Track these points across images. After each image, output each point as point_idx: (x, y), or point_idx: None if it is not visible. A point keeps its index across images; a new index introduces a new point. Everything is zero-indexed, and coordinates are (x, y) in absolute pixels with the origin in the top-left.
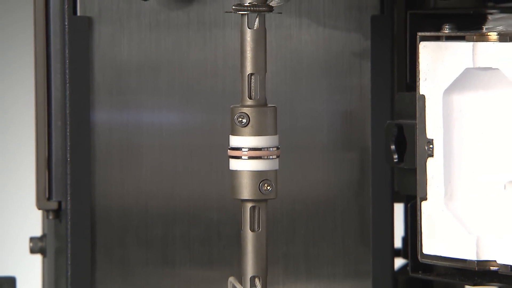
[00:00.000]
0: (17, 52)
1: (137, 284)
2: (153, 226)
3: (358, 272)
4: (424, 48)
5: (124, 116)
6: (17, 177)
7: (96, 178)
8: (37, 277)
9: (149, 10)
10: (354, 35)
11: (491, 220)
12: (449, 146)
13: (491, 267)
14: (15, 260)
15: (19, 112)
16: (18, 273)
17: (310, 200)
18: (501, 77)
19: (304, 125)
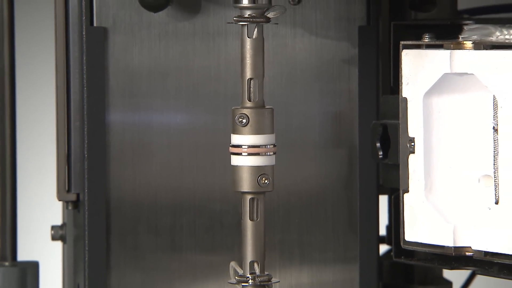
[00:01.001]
0: (40, 59)
1: (148, 268)
2: (162, 215)
3: (346, 257)
4: (406, 55)
5: (135, 117)
6: (40, 172)
7: (110, 172)
8: (58, 262)
9: (158, 21)
10: (343, 43)
11: (466, 210)
12: (429, 144)
13: (467, 253)
14: (38, 247)
15: (42, 113)
16: (41, 258)
17: (303, 192)
18: (476, 81)
19: (298, 124)
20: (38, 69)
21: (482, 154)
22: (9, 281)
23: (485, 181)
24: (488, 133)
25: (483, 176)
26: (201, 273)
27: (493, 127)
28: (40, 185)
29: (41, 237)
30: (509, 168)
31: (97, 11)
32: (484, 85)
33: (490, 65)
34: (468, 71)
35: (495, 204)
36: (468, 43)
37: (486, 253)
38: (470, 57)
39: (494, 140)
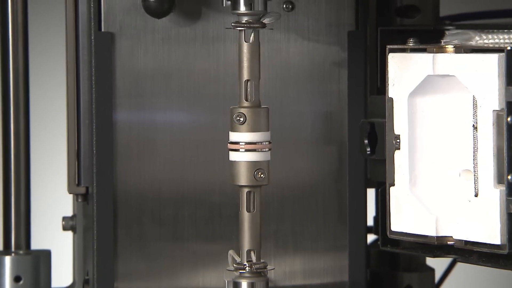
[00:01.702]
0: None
1: (152, 256)
2: (165, 207)
3: (336, 246)
4: (392, 58)
5: (140, 116)
6: (52, 167)
7: (117, 167)
8: (68, 251)
9: (161, 26)
10: (334, 47)
11: (448, 203)
12: (413, 141)
13: (448, 242)
14: (50, 236)
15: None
16: (53, 247)
17: (296, 186)
18: (457, 83)
19: (291, 123)
20: (50, 71)
21: (462, 150)
22: (23, 268)
23: (465, 175)
24: (468, 131)
25: (464, 170)
26: (202, 261)
27: (473, 125)
28: (52, 179)
29: (53, 228)
30: (487, 163)
31: (104, 17)
32: (464, 86)
33: (470, 68)
34: (449, 73)
35: (475, 197)
36: (449, 47)
37: (466, 242)
38: (452, 60)
39: (474, 137)
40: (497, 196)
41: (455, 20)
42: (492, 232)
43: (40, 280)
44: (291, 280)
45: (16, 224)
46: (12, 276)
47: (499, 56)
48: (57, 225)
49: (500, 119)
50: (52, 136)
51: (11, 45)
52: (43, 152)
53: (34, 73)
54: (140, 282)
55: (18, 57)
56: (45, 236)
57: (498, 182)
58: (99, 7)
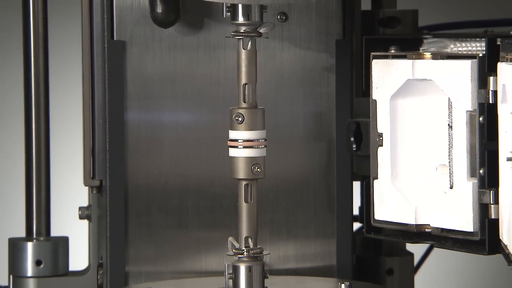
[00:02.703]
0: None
1: (159, 242)
2: (171, 198)
3: (325, 233)
4: (376, 64)
5: (149, 116)
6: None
7: (128, 162)
8: (84, 237)
9: (168, 35)
10: (323, 54)
11: (426, 194)
12: (395, 138)
13: (426, 229)
14: (68, 224)
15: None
16: (70, 234)
17: (289, 179)
18: (434, 86)
19: (285, 122)
20: (68, 76)
21: (439, 147)
22: (43, 253)
23: (441, 169)
24: (444, 129)
25: (440, 165)
26: (204, 246)
27: (448, 124)
28: (69, 173)
29: (70, 216)
30: (461, 158)
31: (117, 27)
32: (440, 89)
33: (445, 72)
34: (427, 77)
35: (450, 189)
36: (427, 54)
37: (442, 230)
38: (429, 65)
39: (449, 135)
40: (470, 188)
41: (432, 30)
42: (466, 220)
43: (58, 264)
44: (284, 264)
45: (37, 213)
46: (34, 260)
47: (472, 62)
48: (74, 214)
49: (472, 119)
50: (70, 134)
51: (33, 52)
52: (61, 149)
53: (53, 78)
54: (149, 266)
55: (39, 63)
56: (63, 224)
57: (471, 176)
58: (112, 18)
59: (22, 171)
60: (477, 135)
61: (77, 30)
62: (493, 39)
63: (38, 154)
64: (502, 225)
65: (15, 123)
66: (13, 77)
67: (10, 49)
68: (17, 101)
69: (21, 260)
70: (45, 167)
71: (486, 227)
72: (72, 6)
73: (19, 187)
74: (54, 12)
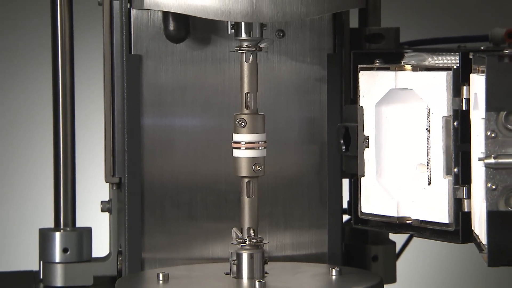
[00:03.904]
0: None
1: (172, 232)
2: (182, 193)
3: (318, 224)
4: (363, 75)
5: (163, 121)
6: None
7: (144, 162)
8: (105, 228)
9: (179, 50)
10: (316, 66)
11: (406, 190)
12: (379, 141)
13: (407, 221)
14: (91, 216)
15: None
16: (94, 225)
17: (286, 176)
18: (414, 95)
19: (282, 126)
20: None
21: (418, 148)
22: (70, 242)
23: (420, 168)
24: (422, 133)
25: (419, 164)
26: (211, 236)
27: (426, 128)
28: (92, 171)
29: (93, 209)
30: (438, 158)
31: (134, 42)
32: (420, 97)
33: (424, 82)
34: (408, 87)
35: (428, 185)
36: (408, 66)
37: (421, 221)
38: (410, 76)
39: (427, 137)
40: (446, 184)
41: (412, 45)
42: (442, 213)
43: (83, 251)
44: (282, 251)
45: (64, 207)
46: (61, 248)
47: (447, 73)
48: (97, 207)
49: (448, 124)
50: (93, 137)
51: (61, 66)
52: (85, 150)
53: (79, 87)
54: (162, 253)
55: (66, 75)
56: (87, 216)
57: (447, 174)
58: (130, 35)
59: (51, 170)
60: (452, 138)
61: (99, 46)
62: (466, 53)
63: (65, 155)
64: (474, 217)
65: (44, 128)
66: (43, 87)
67: (41, 63)
68: (46, 108)
69: (50, 248)
70: (71, 166)
71: (460, 219)
72: (95, 24)
73: (48, 184)
74: (79, 30)
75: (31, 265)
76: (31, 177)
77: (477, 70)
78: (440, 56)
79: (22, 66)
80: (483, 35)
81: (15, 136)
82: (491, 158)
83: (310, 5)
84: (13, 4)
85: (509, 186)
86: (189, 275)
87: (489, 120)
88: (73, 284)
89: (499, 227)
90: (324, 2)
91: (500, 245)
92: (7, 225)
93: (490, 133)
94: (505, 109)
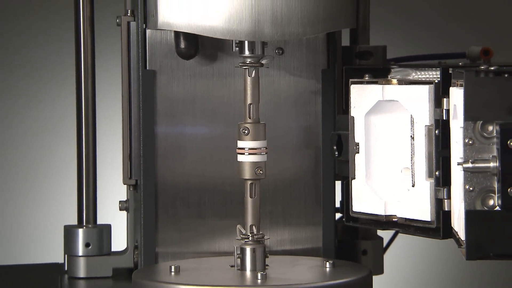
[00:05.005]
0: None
1: (182, 229)
2: (192, 194)
3: (314, 221)
4: (353, 88)
5: (174, 129)
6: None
7: (158, 166)
8: (123, 225)
9: (189, 65)
10: (312, 80)
11: (393, 191)
12: (369, 147)
13: (393, 219)
14: (111, 214)
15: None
16: (113, 222)
17: (285, 179)
18: (399, 106)
19: (282, 134)
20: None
21: (403, 153)
22: (91, 237)
23: (405, 171)
24: (407, 140)
25: (404, 168)
26: (218, 232)
27: (411, 136)
28: (112, 173)
29: (113, 208)
30: (421, 163)
31: (149, 59)
32: (405, 108)
33: (409, 95)
34: (394, 99)
35: (412, 187)
36: (394, 80)
37: (406, 219)
38: (395, 89)
39: (411, 144)
40: (428, 186)
41: (398, 61)
42: (425, 212)
43: (103, 246)
44: (281, 246)
45: (87, 206)
46: (84, 243)
47: (430, 87)
48: (115, 206)
49: (430, 132)
50: (112, 143)
51: (83, 79)
52: (106, 154)
53: (99, 98)
54: (174, 248)
55: (88, 87)
56: (107, 214)
57: (429, 176)
58: (145, 52)
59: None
60: (433, 145)
61: (118, 62)
62: (446, 68)
63: (87, 159)
64: (454, 216)
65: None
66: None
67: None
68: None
69: (73, 243)
70: (92, 169)
71: (441, 217)
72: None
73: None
74: (100, 47)
75: (56, 258)
76: (57, 179)
77: (456, 84)
78: (423, 71)
79: (51, 80)
80: (461, 53)
81: (43, 143)
82: (469, 163)
83: (307, 25)
84: (42, 25)
85: (485, 188)
86: (198, 267)
87: (467, 128)
88: (94, 275)
89: (476, 224)
90: (319, 23)
91: (476, 241)
92: (35, 222)
93: (468, 140)
94: (481, 119)
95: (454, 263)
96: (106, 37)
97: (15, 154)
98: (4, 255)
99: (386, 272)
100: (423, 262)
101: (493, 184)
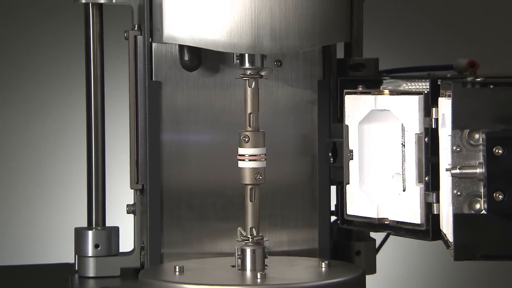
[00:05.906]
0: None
1: (186, 230)
2: (195, 198)
3: (310, 224)
4: (348, 98)
5: (179, 137)
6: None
7: (163, 171)
8: (131, 227)
9: (192, 77)
10: (308, 91)
11: (385, 195)
12: (362, 153)
13: (385, 222)
14: (119, 217)
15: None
16: (121, 225)
17: (283, 184)
18: (391, 115)
19: (280, 141)
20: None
21: (395, 160)
22: (101, 239)
23: (396, 177)
24: (398, 147)
25: (396, 173)
26: (220, 234)
27: (402, 143)
28: (120, 178)
29: (120, 211)
30: (411, 169)
31: (155, 70)
32: (396, 117)
33: (400, 105)
34: (386, 108)
35: (403, 191)
36: (386, 91)
37: (397, 222)
38: (387, 100)
39: (402, 151)
40: (418, 191)
41: (389, 73)
42: (415, 215)
43: (112, 247)
44: (279, 247)
45: (96, 209)
46: (93, 244)
47: (419, 97)
48: (123, 210)
49: (420, 139)
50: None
51: (93, 89)
52: (114, 160)
53: (108, 108)
54: (178, 248)
55: (97, 97)
56: (115, 217)
57: (419, 182)
58: (151, 64)
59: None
60: (423, 152)
61: (125, 73)
62: (435, 80)
63: (96, 165)
64: (442, 219)
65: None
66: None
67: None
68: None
69: (83, 244)
70: (101, 174)
71: (430, 220)
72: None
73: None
74: (109, 60)
75: (67, 258)
76: (68, 184)
77: (444, 94)
78: (413, 82)
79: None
80: (449, 65)
81: (55, 150)
82: (457, 169)
83: (303, 39)
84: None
85: (472, 192)
86: (201, 267)
87: (455, 136)
88: (103, 274)
89: (463, 227)
90: (315, 37)
91: (464, 243)
92: (47, 224)
93: (455, 148)
94: (468, 128)
95: (443, 264)
96: (115, 50)
97: (30, 160)
98: (19, 255)
99: (378, 271)
100: (413, 263)
101: (480, 189)
